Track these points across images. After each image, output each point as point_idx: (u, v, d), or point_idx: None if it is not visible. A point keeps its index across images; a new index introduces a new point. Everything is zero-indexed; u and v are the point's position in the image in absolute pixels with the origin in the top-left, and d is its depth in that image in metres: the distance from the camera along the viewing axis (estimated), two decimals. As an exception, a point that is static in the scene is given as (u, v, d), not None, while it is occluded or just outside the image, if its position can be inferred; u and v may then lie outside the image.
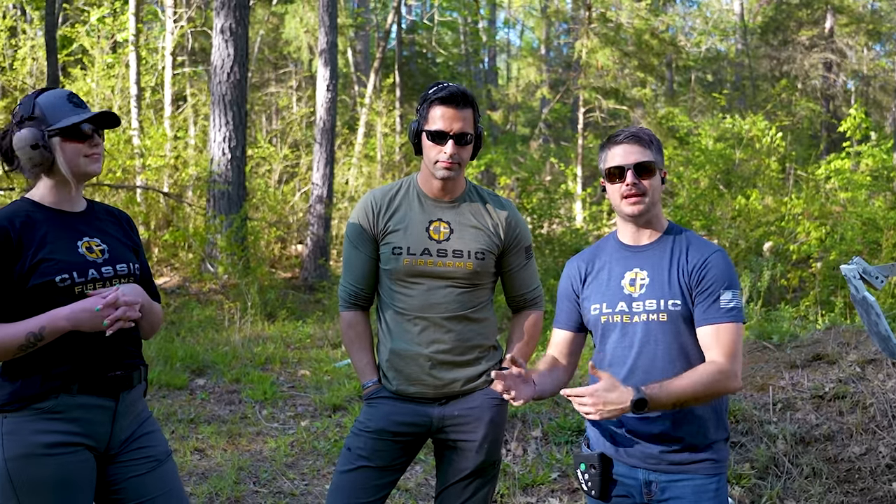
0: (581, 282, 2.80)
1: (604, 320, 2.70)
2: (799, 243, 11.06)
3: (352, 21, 21.64)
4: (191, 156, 15.26)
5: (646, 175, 2.63)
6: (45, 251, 2.50)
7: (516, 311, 3.21)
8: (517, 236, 3.07)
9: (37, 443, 2.46)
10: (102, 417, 2.58)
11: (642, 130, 2.69)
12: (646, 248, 2.70)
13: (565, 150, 22.84)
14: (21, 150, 2.52)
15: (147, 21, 19.02)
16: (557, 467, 5.12)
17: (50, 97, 2.58)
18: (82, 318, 2.45)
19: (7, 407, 2.49)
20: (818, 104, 21.91)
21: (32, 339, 2.43)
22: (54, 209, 2.61)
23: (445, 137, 2.87)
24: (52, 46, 9.37)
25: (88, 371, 2.54)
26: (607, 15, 19.88)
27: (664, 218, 2.76)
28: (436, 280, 2.95)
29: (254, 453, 5.51)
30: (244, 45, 12.70)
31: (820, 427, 4.87)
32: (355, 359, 3.13)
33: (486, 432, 3.00)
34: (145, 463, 2.67)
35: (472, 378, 3.01)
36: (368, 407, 3.07)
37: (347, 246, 3.09)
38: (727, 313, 2.55)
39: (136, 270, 2.70)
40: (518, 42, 39.85)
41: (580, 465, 2.73)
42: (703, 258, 2.61)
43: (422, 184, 3.04)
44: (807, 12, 23.26)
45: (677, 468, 2.59)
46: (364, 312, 3.16)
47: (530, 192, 13.27)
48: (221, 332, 9.17)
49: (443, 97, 2.86)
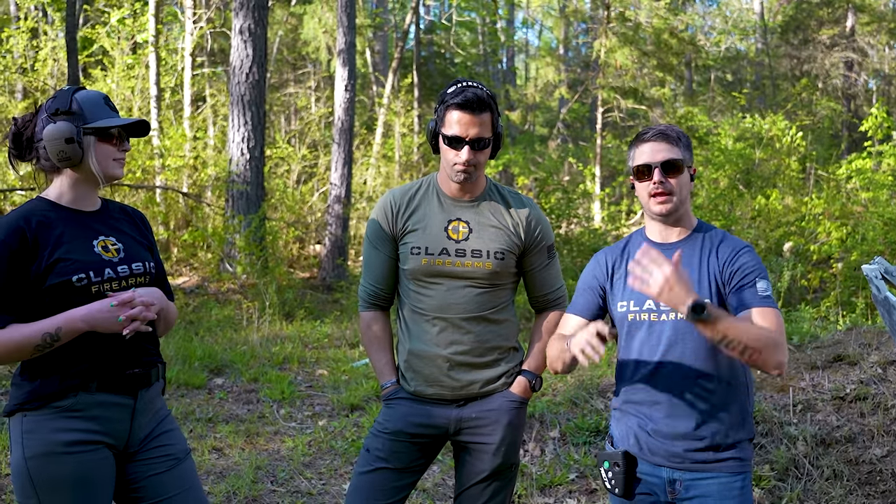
0: (607, 277, 2.78)
1: (630, 318, 2.68)
2: (819, 243, 10.98)
3: (370, 21, 21.69)
4: (210, 156, 15.34)
5: (673, 173, 2.60)
6: (61, 251, 2.49)
7: (539, 311, 3.17)
8: (539, 236, 3.02)
9: (56, 441, 2.46)
10: (121, 415, 2.58)
11: (671, 128, 2.66)
12: (674, 245, 2.66)
13: (583, 149, 22.77)
14: (53, 141, 2.50)
15: (167, 22, 19.12)
16: (575, 468, 5.10)
17: (89, 96, 2.59)
18: (98, 319, 2.45)
19: (26, 406, 2.49)
20: (839, 103, 21.75)
21: (49, 339, 2.42)
22: (70, 208, 2.61)
23: (461, 143, 2.83)
24: (72, 47, 9.43)
25: (107, 369, 2.54)
26: (626, 14, 19.82)
27: (693, 216, 2.74)
28: (454, 280, 2.92)
29: (271, 452, 5.52)
30: (263, 46, 12.74)
31: (841, 428, 4.83)
32: (374, 359, 3.11)
33: (504, 435, 2.97)
34: (164, 461, 2.67)
35: (490, 380, 2.98)
36: (387, 408, 3.05)
37: (367, 246, 3.07)
38: (765, 299, 2.52)
39: (151, 269, 2.70)
40: (536, 42, 39.90)
41: (604, 462, 2.71)
42: (734, 252, 2.59)
43: (441, 183, 3.01)
44: (827, 11, 23.09)
45: (701, 466, 2.57)
46: (384, 312, 3.13)
47: (548, 192, 13.26)
48: (240, 332, 9.20)
49: (459, 102, 2.80)
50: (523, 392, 3.01)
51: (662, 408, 2.61)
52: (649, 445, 2.64)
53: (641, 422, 2.66)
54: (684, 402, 2.58)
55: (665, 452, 2.61)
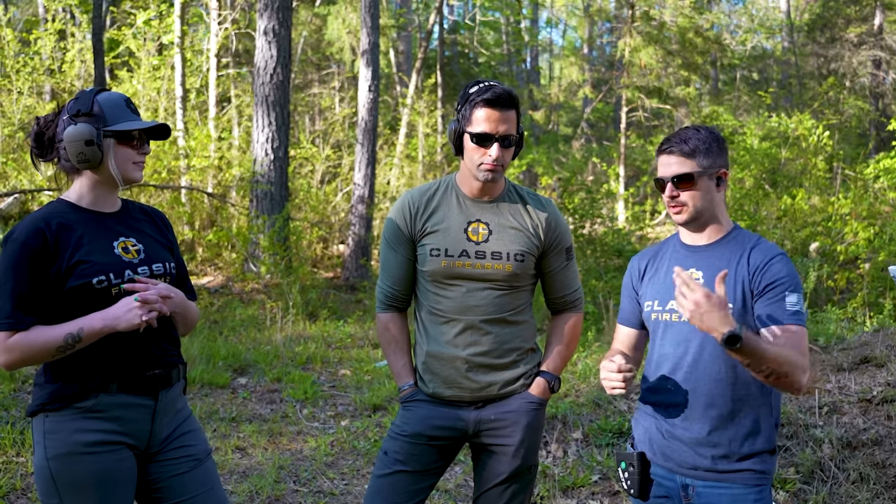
0: (640, 279, 2.80)
1: (654, 318, 2.69)
2: (846, 244, 10.86)
3: (394, 22, 21.72)
4: (234, 156, 15.42)
5: (685, 186, 2.59)
6: (81, 253, 2.50)
7: (556, 312, 3.15)
8: (557, 237, 3.00)
9: (78, 441, 2.48)
10: (142, 416, 2.60)
11: (690, 138, 2.63)
12: (705, 248, 2.66)
13: (608, 149, 22.68)
14: (73, 142, 2.51)
15: (192, 23, 19.25)
16: (598, 469, 5.07)
17: (110, 98, 2.59)
18: (118, 317, 2.45)
19: (48, 406, 2.51)
20: (867, 102, 21.51)
21: (70, 340, 2.43)
22: (90, 210, 2.61)
23: (490, 140, 2.81)
24: (99, 49, 9.51)
25: (127, 370, 2.56)
26: (651, 13, 19.73)
27: (727, 219, 2.70)
28: (474, 282, 2.90)
29: (294, 452, 5.54)
30: (287, 47, 12.79)
31: (867, 431, 4.77)
32: (391, 361, 3.10)
33: (522, 436, 2.96)
34: (186, 462, 2.68)
35: (509, 381, 2.96)
36: (405, 410, 3.03)
37: (384, 247, 3.05)
38: (792, 315, 2.48)
39: (171, 270, 2.71)
40: (560, 41, 39.79)
41: (621, 462, 2.72)
42: (766, 259, 2.55)
43: (461, 183, 2.98)
44: (855, 9, 22.85)
45: (713, 475, 2.55)
46: (401, 314, 3.12)
47: (572, 192, 13.21)
48: (263, 332, 9.24)
49: (488, 99, 2.78)
50: (542, 393, 3.00)
51: (678, 411, 2.60)
52: (663, 449, 2.63)
53: (658, 424, 2.65)
54: (700, 406, 2.56)
55: (678, 458, 2.60)
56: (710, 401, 2.55)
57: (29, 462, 4.99)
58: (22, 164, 13.14)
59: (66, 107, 2.58)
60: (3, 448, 5.18)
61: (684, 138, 2.62)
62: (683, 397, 2.58)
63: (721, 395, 2.54)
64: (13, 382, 6.54)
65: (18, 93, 14.06)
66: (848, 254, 10.59)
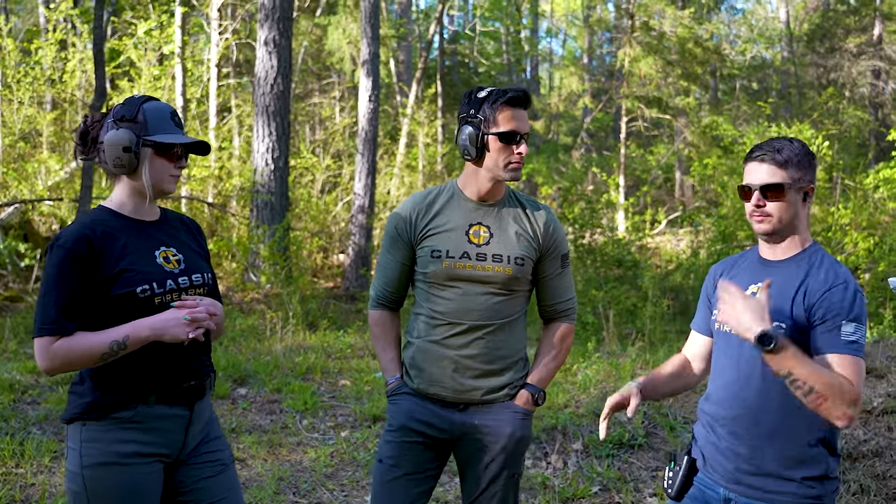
0: (714, 286, 2.79)
1: (716, 327, 2.69)
2: (846, 254, 10.87)
3: (394, 32, 21.76)
4: (235, 166, 15.44)
5: (773, 197, 2.53)
6: (125, 262, 2.54)
7: (548, 321, 3.18)
8: (555, 242, 3.05)
9: (114, 451, 2.53)
10: (177, 426, 2.64)
11: (783, 148, 2.56)
12: (779, 264, 2.61)
13: (608, 159, 22.70)
14: (111, 146, 2.56)
15: (193, 33, 19.30)
16: (598, 481, 5.07)
17: (157, 108, 2.63)
18: (165, 327, 2.49)
19: (87, 415, 2.54)
20: (866, 112, 21.53)
21: (116, 347, 2.47)
22: (131, 218, 2.65)
23: (518, 138, 2.90)
24: (100, 59, 9.52)
25: (165, 382, 2.60)
26: (650, 23, 19.77)
27: (807, 235, 2.64)
28: (474, 285, 2.94)
29: (294, 463, 5.53)
30: (287, 57, 12.82)
31: (868, 443, 4.77)
32: (381, 355, 3.17)
33: (505, 444, 2.99)
34: (213, 466, 2.74)
35: (493, 389, 2.99)
36: (391, 404, 3.10)
37: (382, 248, 3.13)
38: (847, 345, 2.41)
39: (209, 280, 2.76)
40: (560, 51, 39.83)
41: (671, 461, 2.74)
42: (827, 287, 2.48)
43: (463, 187, 3.03)
44: (854, 19, 22.89)
45: (755, 492, 2.52)
46: (393, 312, 3.19)
47: (572, 202, 13.23)
48: (263, 342, 9.24)
49: (513, 98, 2.89)
50: (525, 405, 3.03)
51: (727, 424, 2.58)
52: (710, 459, 2.63)
53: (709, 434, 2.65)
54: (748, 422, 2.54)
55: (723, 470, 2.59)
56: (759, 418, 2.52)
57: (28, 473, 4.99)
58: (22, 173, 13.17)
59: (114, 110, 2.62)
60: (2, 459, 5.17)
61: (778, 147, 2.55)
62: (732, 411, 2.57)
63: (771, 413, 2.51)
64: (12, 393, 6.54)
65: (19, 103, 14.09)
66: (848, 264, 10.59)
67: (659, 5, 19.40)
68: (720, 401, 2.62)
